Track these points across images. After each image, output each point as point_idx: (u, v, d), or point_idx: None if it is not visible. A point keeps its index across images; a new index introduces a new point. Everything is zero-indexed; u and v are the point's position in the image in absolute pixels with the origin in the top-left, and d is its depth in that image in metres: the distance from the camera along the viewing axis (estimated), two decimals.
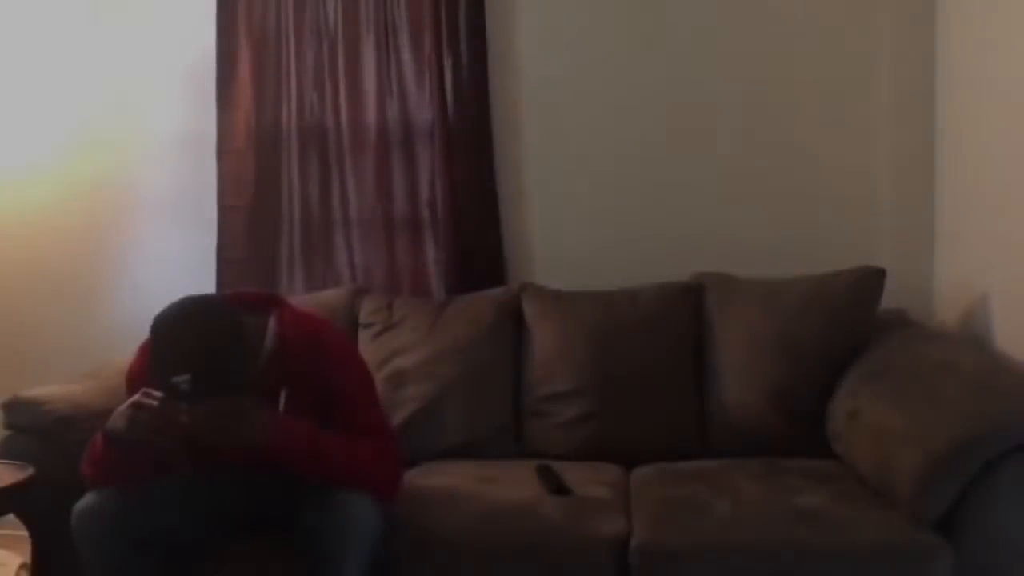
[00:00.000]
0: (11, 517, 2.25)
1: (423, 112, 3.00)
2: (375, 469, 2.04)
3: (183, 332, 1.93)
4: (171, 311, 1.97)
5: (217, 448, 1.95)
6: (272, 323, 2.08)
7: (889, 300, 2.59)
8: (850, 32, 2.88)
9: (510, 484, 2.30)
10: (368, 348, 2.73)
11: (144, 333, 2.14)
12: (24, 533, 2.25)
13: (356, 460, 2.01)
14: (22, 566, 2.33)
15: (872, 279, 2.54)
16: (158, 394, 1.90)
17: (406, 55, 3.00)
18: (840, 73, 2.90)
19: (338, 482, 1.97)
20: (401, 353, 2.70)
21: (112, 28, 3.19)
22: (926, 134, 2.82)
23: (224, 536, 2.09)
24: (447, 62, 2.95)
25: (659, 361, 2.61)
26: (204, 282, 3.00)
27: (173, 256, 3.12)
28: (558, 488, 2.25)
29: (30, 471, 2.18)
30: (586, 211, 3.01)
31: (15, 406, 2.32)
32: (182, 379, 1.87)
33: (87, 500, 1.97)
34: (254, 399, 1.93)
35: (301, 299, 2.85)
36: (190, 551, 2.06)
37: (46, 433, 2.26)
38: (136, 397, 1.92)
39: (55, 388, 2.42)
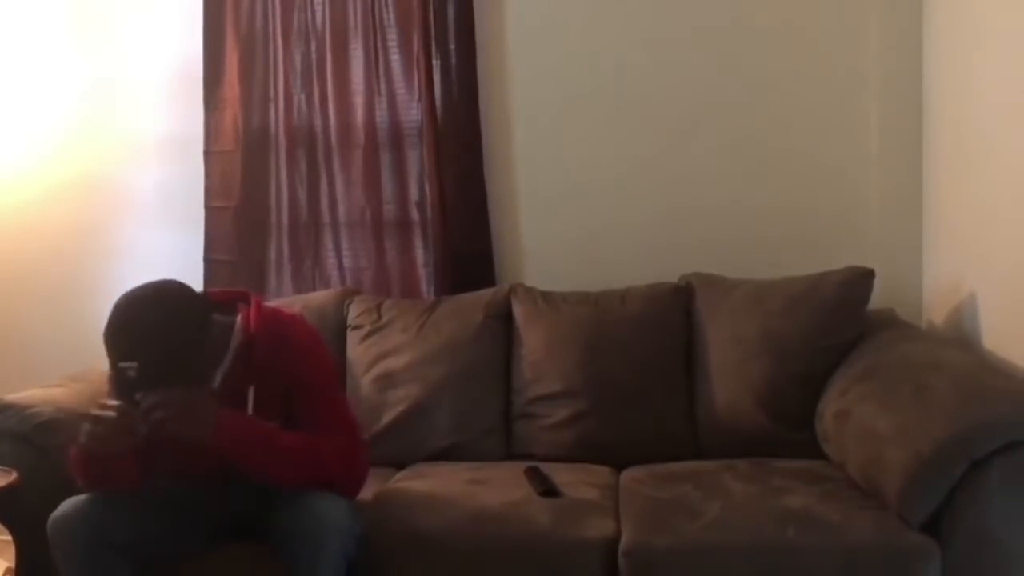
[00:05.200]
0: None
1: (412, 113, 3.00)
2: (338, 467, 2.00)
3: (138, 318, 1.87)
4: (135, 294, 1.92)
5: (167, 450, 1.90)
6: (239, 320, 2.04)
7: (878, 300, 2.60)
8: (839, 36, 2.88)
9: (499, 486, 2.29)
10: (357, 350, 2.72)
11: None
12: (8, 538, 2.23)
13: (317, 459, 1.96)
14: (7, 571, 2.31)
15: (861, 280, 2.54)
16: (114, 403, 1.84)
17: (394, 56, 2.99)
18: (828, 75, 2.90)
19: (300, 482, 1.94)
20: (390, 354, 2.70)
21: (99, 28, 3.18)
22: (914, 135, 2.83)
23: (201, 541, 2.07)
24: (436, 62, 2.95)
25: (648, 362, 2.61)
26: (191, 284, 2.95)
27: (160, 258, 3.09)
28: (547, 490, 2.24)
29: (13, 476, 2.16)
30: (575, 212, 3.00)
31: None
32: (129, 366, 1.81)
33: (63, 508, 1.94)
34: (205, 393, 1.86)
35: (290, 301, 2.86)
36: (167, 557, 2.04)
37: (29, 437, 2.24)
38: (93, 409, 1.85)
39: (38, 391, 2.40)
